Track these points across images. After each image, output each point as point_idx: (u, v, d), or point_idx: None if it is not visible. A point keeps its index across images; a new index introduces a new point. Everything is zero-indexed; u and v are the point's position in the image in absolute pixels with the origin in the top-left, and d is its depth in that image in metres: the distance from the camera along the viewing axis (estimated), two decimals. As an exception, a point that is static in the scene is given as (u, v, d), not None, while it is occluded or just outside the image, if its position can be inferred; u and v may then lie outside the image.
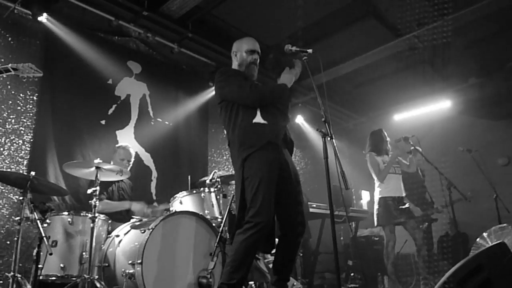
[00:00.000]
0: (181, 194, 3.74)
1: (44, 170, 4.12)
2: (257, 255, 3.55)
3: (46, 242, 2.81)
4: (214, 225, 3.40)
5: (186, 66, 5.84)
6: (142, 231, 3.11)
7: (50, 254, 2.85)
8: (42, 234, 2.81)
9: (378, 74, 6.81)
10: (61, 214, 3.32)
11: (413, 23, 5.30)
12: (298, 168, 3.18)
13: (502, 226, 4.30)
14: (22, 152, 4.14)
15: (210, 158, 5.97)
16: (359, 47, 5.95)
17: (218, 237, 3.25)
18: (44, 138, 4.26)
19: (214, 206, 3.69)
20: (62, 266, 3.14)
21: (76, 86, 4.61)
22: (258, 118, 2.72)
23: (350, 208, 5.87)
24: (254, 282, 3.46)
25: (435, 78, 6.76)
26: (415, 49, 5.74)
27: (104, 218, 3.47)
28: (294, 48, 2.80)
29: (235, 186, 2.74)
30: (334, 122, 7.55)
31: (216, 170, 4.05)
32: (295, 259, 3.02)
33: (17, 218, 2.95)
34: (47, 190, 3.40)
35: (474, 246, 4.35)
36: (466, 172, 5.67)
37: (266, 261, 3.65)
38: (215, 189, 3.75)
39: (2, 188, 3.93)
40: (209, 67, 5.88)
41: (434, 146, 5.77)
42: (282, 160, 2.74)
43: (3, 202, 3.93)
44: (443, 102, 6.95)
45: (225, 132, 2.98)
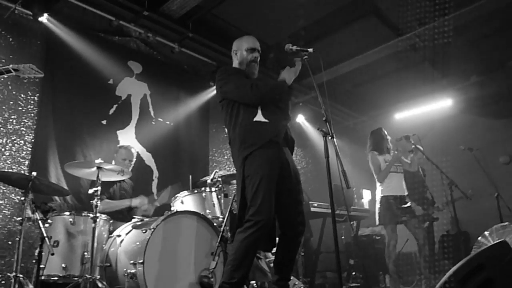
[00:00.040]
0: (182, 194, 3.74)
1: (45, 171, 4.13)
2: (258, 254, 3.55)
3: (47, 242, 2.82)
4: (215, 224, 3.40)
5: (187, 66, 5.84)
6: (144, 231, 3.12)
7: (52, 254, 2.87)
8: (44, 234, 2.81)
9: (379, 73, 6.80)
10: (62, 214, 3.32)
11: (414, 22, 5.29)
12: (299, 167, 3.19)
13: (503, 225, 4.30)
14: (24, 152, 4.14)
15: (211, 157, 5.96)
16: (360, 46, 5.94)
17: (220, 236, 3.25)
18: (45, 139, 4.27)
19: (215, 205, 3.69)
20: (64, 266, 3.13)
21: (77, 86, 4.61)
22: (259, 117, 2.72)
23: (351, 207, 5.84)
24: (255, 282, 3.46)
25: (436, 76, 6.75)
26: (416, 48, 5.73)
27: (105, 218, 3.47)
28: (294, 47, 2.79)
29: (236, 184, 2.74)
30: (335, 121, 7.56)
31: (217, 170, 4.06)
32: (296, 259, 3.01)
33: (18, 219, 2.96)
34: (49, 191, 3.41)
35: (475, 244, 4.35)
36: (467, 170, 5.66)
37: (268, 260, 3.64)
38: (216, 188, 3.76)
39: (3, 188, 3.93)
40: (209, 67, 5.88)
41: (435, 145, 5.75)
42: (282, 158, 2.74)
43: (5, 202, 3.94)
44: (444, 101, 6.95)
45: (226, 130, 2.97)
